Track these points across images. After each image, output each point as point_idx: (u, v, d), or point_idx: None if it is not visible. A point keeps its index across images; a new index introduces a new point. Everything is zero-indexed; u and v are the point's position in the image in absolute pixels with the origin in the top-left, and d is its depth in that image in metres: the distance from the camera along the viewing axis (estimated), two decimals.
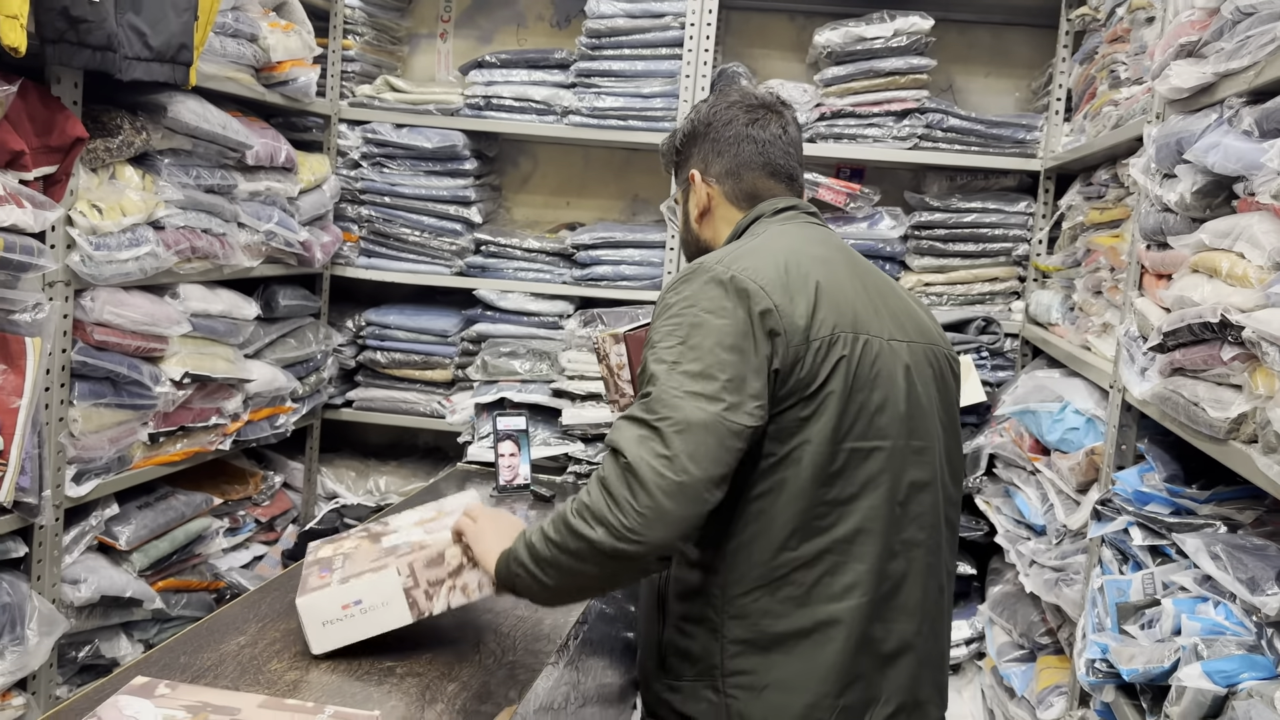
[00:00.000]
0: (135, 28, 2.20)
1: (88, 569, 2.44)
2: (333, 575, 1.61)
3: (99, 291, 2.35)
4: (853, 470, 1.34)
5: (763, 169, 1.57)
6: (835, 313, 1.36)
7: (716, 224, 1.58)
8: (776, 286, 1.33)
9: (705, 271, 1.35)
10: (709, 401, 1.25)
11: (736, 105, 1.58)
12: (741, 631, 1.34)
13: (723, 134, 1.57)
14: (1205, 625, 1.40)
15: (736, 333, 1.29)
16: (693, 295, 1.33)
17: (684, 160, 1.63)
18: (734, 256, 1.37)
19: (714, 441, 1.24)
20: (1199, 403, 1.50)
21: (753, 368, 1.28)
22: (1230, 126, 1.53)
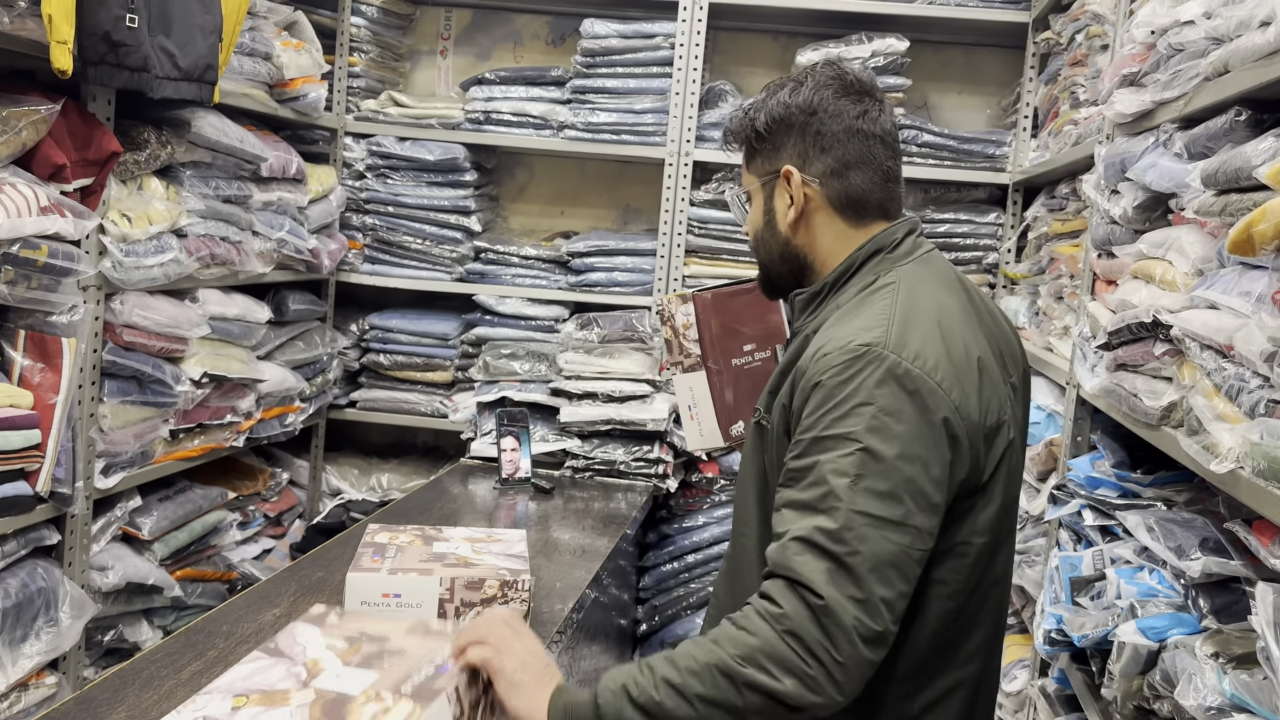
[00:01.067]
0: (166, 49, 2.36)
1: (114, 557, 2.59)
2: (384, 562, 1.75)
3: (128, 295, 2.50)
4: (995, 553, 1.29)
5: (873, 171, 1.35)
6: (994, 392, 1.23)
7: (814, 231, 1.36)
8: (951, 380, 1.19)
9: (877, 361, 1.17)
10: (898, 531, 1.12)
11: (841, 94, 1.34)
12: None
13: (829, 126, 1.33)
14: (1141, 589, 1.59)
15: (918, 440, 1.15)
16: (865, 389, 1.16)
17: (769, 149, 1.37)
18: (898, 337, 1.20)
19: (904, 578, 1.14)
20: (1137, 394, 1.69)
21: (934, 479, 1.16)
22: (1165, 149, 1.72)
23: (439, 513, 2.61)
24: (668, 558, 3.20)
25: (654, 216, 3.66)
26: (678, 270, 3.53)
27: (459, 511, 2.66)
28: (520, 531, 1.99)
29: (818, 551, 1.11)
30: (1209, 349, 1.40)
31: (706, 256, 3.56)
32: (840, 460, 1.14)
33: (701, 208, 3.53)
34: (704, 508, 3.22)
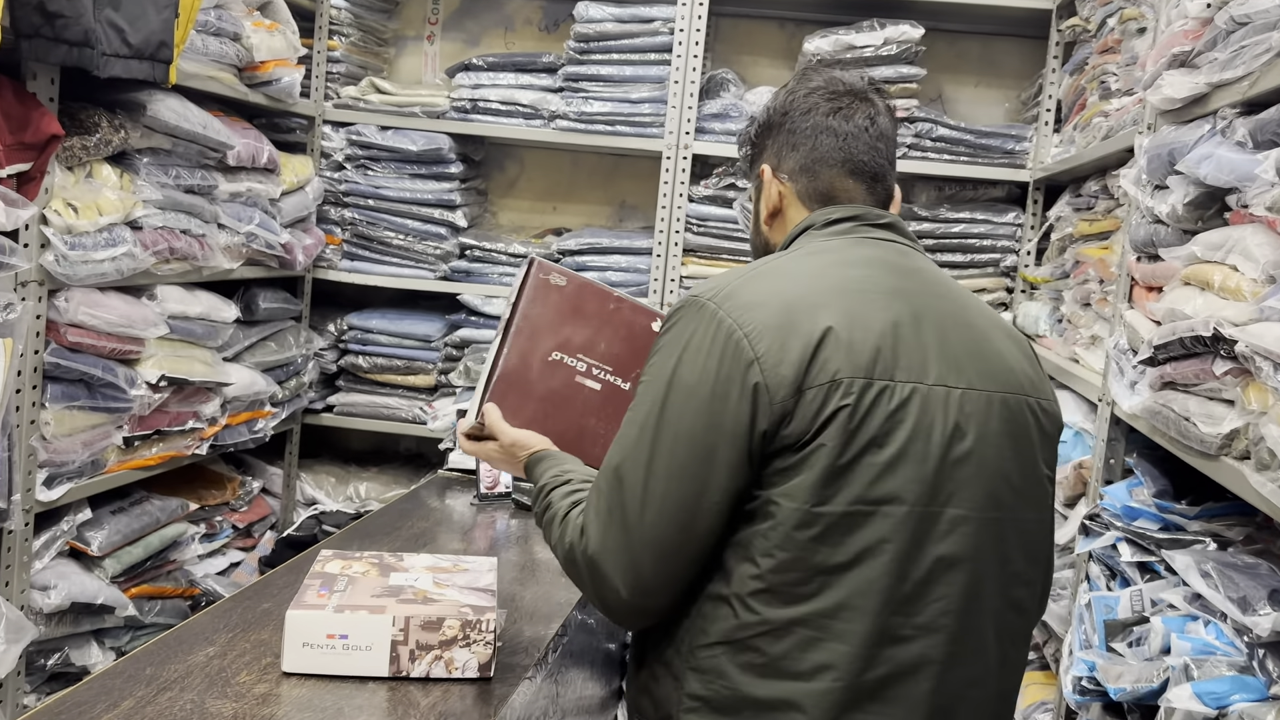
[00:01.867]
0: (114, 24, 2.16)
1: (58, 575, 2.40)
2: (331, 597, 1.56)
3: (74, 292, 2.31)
4: (843, 535, 1.15)
5: (842, 166, 1.36)
6: (845, 354, 1.17)
7: (785, 225, 1.40)
8: (768, 330, 1.18)
9: (697, 309, 1.22)
10: (677, 480, 1.17)
11: (819, 91, 1.38)
12: (699, 688, 1.20)
13: (800, 124, 1.37)
14: (1195, 645, 1.38)
15: (713, 393, 1.17)
16: (673, 335, 1.22)
17: (758, 154, 1.44)
18: (733, 289, 1.23)
19: (679, 525, 1.18)
20: (1190, 418, 1.48)
21: (727, 434, 1.16)
22: (1223, 138, 1.52)
23: (409, 532, 2.41)
24: None
25: (650, 213, 3.45)
26: (675, 270, 3.33)
27: (432, 529, 2.46)
28: (490, 560, 1.79)
29: (600, 498, 1.22)
30: None
31: (706, 256, 3.35)
32: (636, 405, 1.23)
33: (701, 204, 3.32)
34: None
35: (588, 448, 1.51)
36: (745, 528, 1.18)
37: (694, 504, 1.17)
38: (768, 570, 1.16)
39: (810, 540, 1.15)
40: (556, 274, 1.55)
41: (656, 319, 1.52)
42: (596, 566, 1.20)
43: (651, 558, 1.18)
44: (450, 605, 1.55)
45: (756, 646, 1.17)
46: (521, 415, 1.53)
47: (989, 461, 1.20)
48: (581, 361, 1.55)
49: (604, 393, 1.55)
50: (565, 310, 1.54)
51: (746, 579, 1.17)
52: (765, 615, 1.16)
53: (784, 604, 1.16)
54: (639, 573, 1.19)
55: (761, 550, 1.16)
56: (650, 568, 1.18)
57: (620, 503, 1.19)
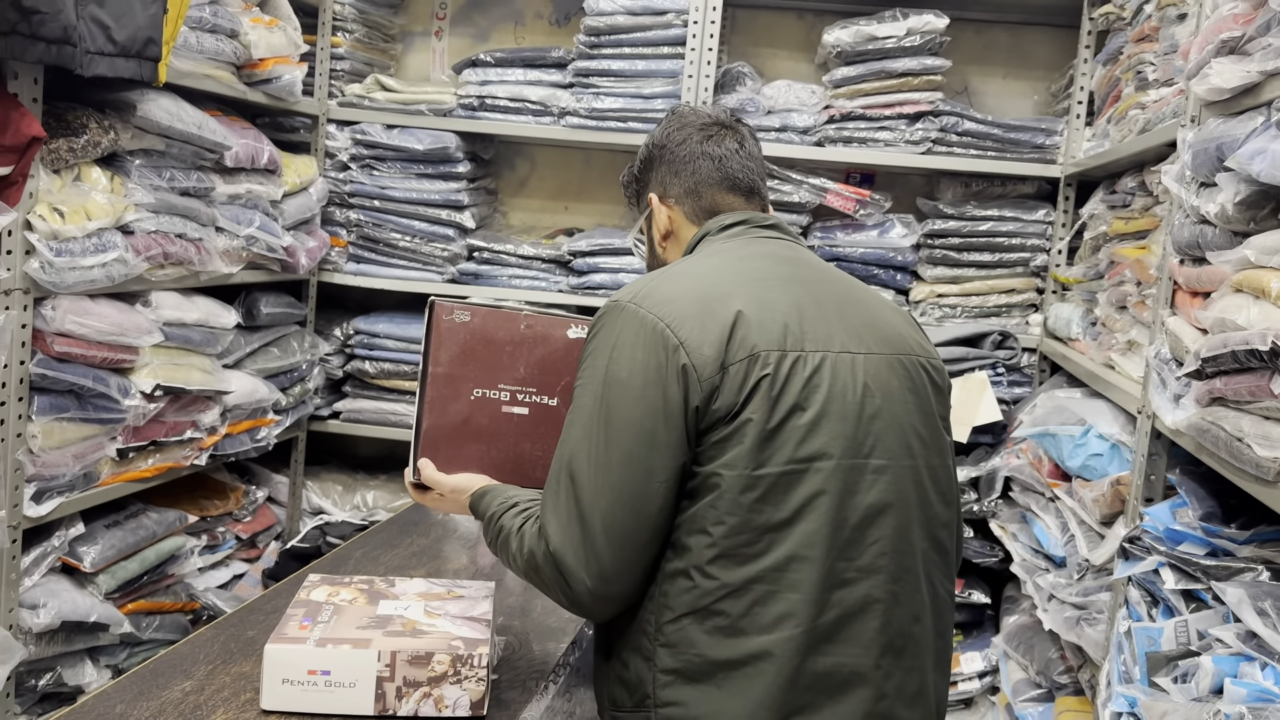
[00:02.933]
0: (98, 20, 2.07)
1: (48, 593, 2.32)
2: (314, 629, 1.47)
3: (61, 300, 2.23)
4: (783, 494, 1.26)
5: (721, 184, 1.53)
6: (758, 332, 1.29)
7: (681, 246, 1.54)
8: (687, 319, 1.30)
9: (618, 311, 1.33)
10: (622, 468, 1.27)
11: (689, 125, 1.56)
12: (672, 661, 1.28)
13: (678, 154, 1.54)
14: (1251, 691, 1.25)
15: (645, 381, 1.28)
16: (600, 338, 1.33)
17: (643, 188, 1.60)
18: (648, 290, 1.35)
19: (633, 513, 1.27)
20: (1244, 438, 1.35)
21: (664, 416, 1.27)
22: (1279, 131, 1.38)
23: (411, 548, 2.31)
24: None
25: None
26: None
27: (436, 545, 2.36)
28: (488, 585, 1.69)
29: (554, 500, 1.30)
30: None
31: None
32: (576, 407, 1.32)
33: None
34: None
35: (527, 472, 1.54)
36: (693, 503, 1.28)
37: (643, 487, 1.27)
38: (720, 537, 1.25)
39: (754, 502, 1.25)
40: (459, 310, 1.54)
41: (571, 325, 1.54)
42: (560, 561, 1.27)
43: (610, 545, 1.27)
44: (441, 638, 1.46)
45: (720, 610, 1.26)
46: (458, 461, 1.53)
47: (898, 415, 1.33)
48: (504, 391, 1.54)
49: (533, 415, 1.55)
50: (476, 344, 1.53)
51: (702, 549, 1.26)
52: (723, 579, 1.25)
53: (739, 564, 1.25)
54: (600, 561, 1.27)
55: (712, 520, 1.26)
56: (610, 554, 1.27)
57: (575, 498, 1.28)
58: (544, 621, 1.84)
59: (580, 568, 1.27)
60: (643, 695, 1.30)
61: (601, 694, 1.41)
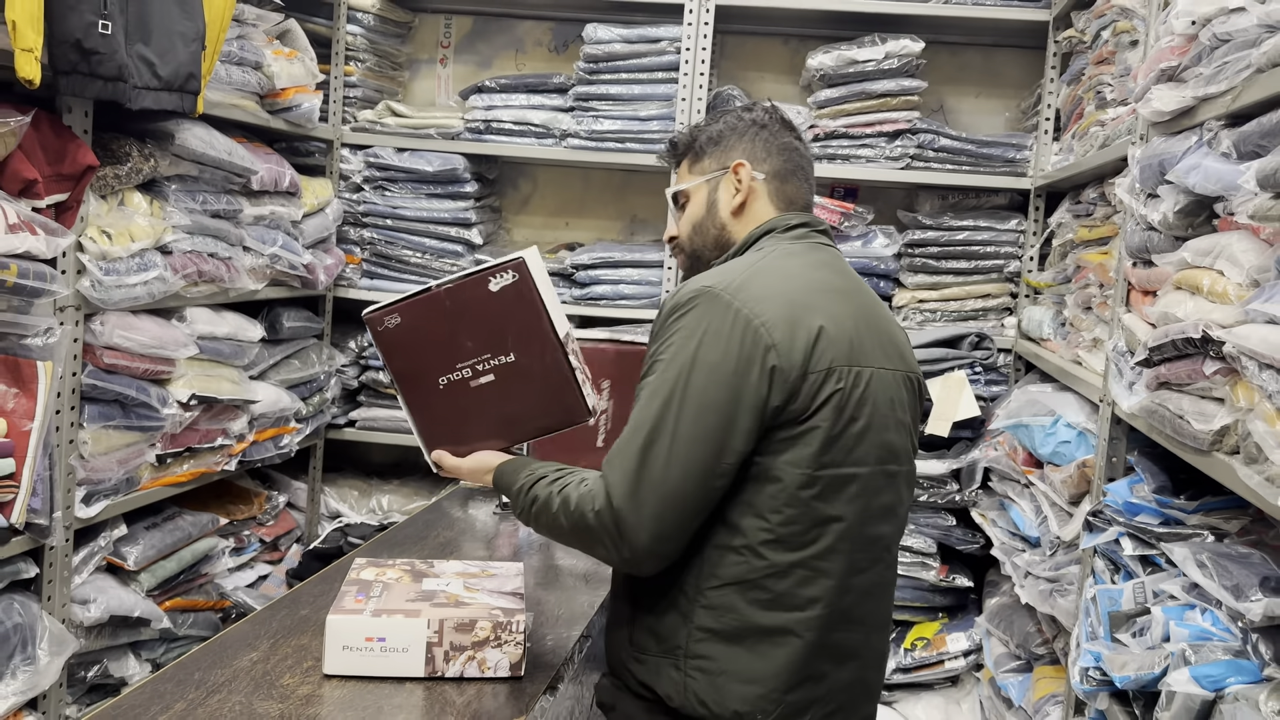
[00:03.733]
0: (144, 58, 2.25)
1: (97, 589, 2.47)
2: (368, 603, 1.63)
3: (108, 315, 2.39)
4: (834, 493, 1.41)
5: (804, 181, 1.61)
6: (834, 346, 1.41)
7: (748, 219, 1.58)
8: (779, 323, 1.38)
9: (711, 298, 1.39)
10: (698, 446, 1.36)
11: (779, 119, 1.62)
12: (709, 621, 1.43)
13: (775, 139, 1.59)
14: (1193, 632, 1.44)
15: (735, 370, 1.36)
16: (692, 320, 1.39)
17: (720, 151, 1.60)
18: (740, 283, 1.41)
19: (699, 489, 1.37)
20: (1184, 416, 1.55)
21: (746, 405, 1.37)
22: (1209, 148, 1.59)
23: (435, 541, 2.48)
24: None
25: (661, 227, 3.53)
26: None
27: (457, 539, 2.53)
28: (518, 565, 1.86)
29: (625, 463, 1.37)
30: (1270, 369, 1.27)
31: None
32: (659, 383, 1.38)
33: None
34: None
35: (526, 425, 1.60)
36: (750, 488, 1.40)
37: (713, 465, 1.37)
38: (777, 524, 1.40)
39: (811, 498, 1.40)
40: (388, 316, 1.57)
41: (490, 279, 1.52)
42: (621, 519, 1.36)
43: (675, 510, 1.37)
44: (482, 608, 1.63)
45: (764, 585, 1.41)
46: (464, 441, 1.61)
47: (905, 426, 1.51)
48: (463, 369, 1.57)
49: (499, 378, 1.57)
50: (416, 339, 1.57)
51: (756, 531, 1.40)
52: (772, 559, 1.40)
53: (788, 550, 1.40)
54: (661, 523, 1.36)
55: (770, 508, 1.39)
56: (673, 518, 1.37)
57: (646, 464, 1.36)
58: (558, 612, 1.95)
59: (640, 526, 1.35)
60: (673, 645, 1.45)
61: (621, 638, 1.54)
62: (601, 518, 1.38)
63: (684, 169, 1.65)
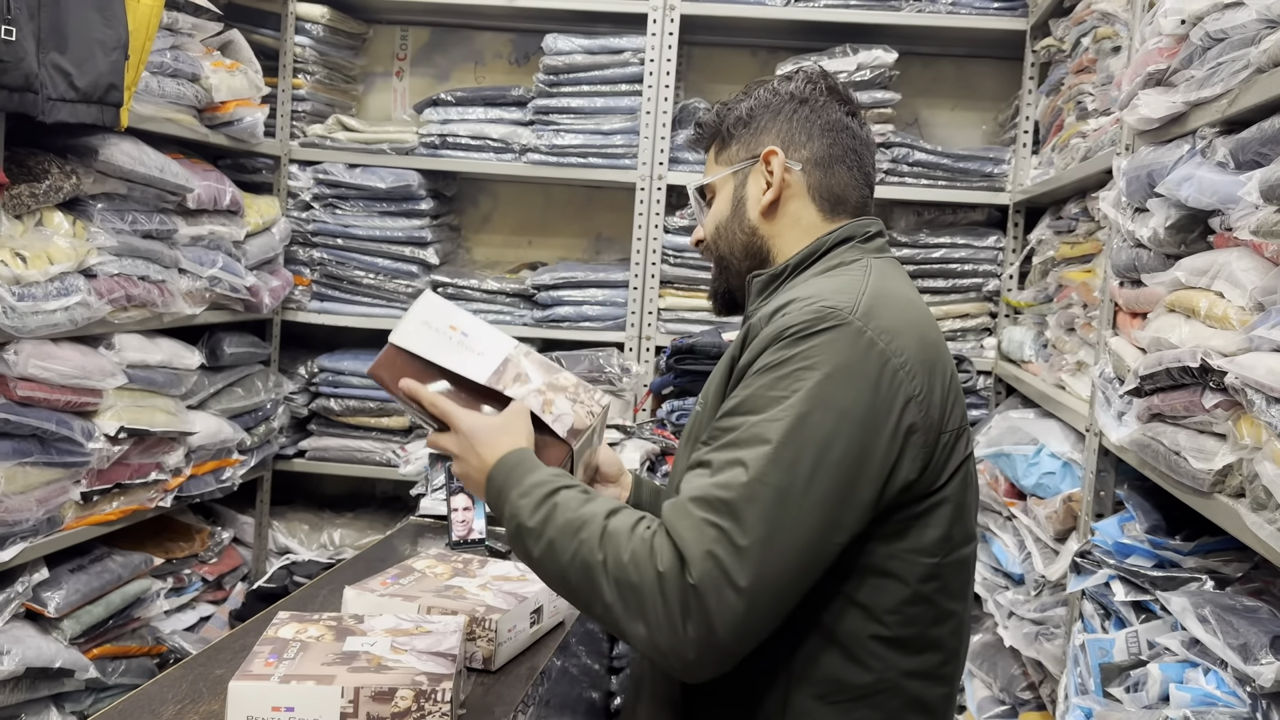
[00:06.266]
0: (59, 67, 2.10)
1: (12, 639, 2.29)
2: (279, 665, 1.48)
3: (23, 344, 2.23)
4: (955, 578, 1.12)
5: (858, 171, 1.26)
6: (957, 398, 1.12)
7: (785, 220, 1.25)
8: (916, 365, 1.08)
9: (842, 323, 1.07)
10: (807, 516, 1.01)
11: (832, 89, 1.28)
12: None
13: (819, 116, 1.25)
14: (1195, 696, 1.30)
15: (863, 421, 1.04)
16: (819, 352, 1.05)
17: (749, 135, 1.28)
18: (869, 307, 1.09)
19: (799, 572, 1.02)
20: (1180, 452, 1.41)
21: (872, 471, 1.04)
22: (1203, 158, 1.46)
23: None
24: None
25: (628, 244, 3.39)
26: (652, 303, 3.26)
27: None
28: (458, 619, 1.70)
29: (709, 524, 1.01)
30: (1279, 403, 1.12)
31: (683, 287, 3.29)
32: (766, 425, 1.03)
33: (677, 235, 3.26)
34: None
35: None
36: (854, 581, 1.09)
37: (823, 544, 1.03)
38: (894, 624, 1.10)
39: (934, 591, 1.11)
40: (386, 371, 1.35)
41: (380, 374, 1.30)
42: (699, 599, 0.99)
43: (769, 598, 1.00)
44: (405, 673, 1.47)
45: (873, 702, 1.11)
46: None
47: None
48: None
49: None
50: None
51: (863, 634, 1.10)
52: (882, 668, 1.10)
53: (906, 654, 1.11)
54: (753, 613, 1.00)
55: (885, 606, 1.09)
56: (765, 609, 1.01)
57: (744, 528, 1.00)
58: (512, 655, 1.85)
59: (724, 611, 0.99)
60: None
61: None
62: (667, 583, 1.00)
63: (710, 157, 1.33)
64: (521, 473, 1.15)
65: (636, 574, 1.01)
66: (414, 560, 1.83)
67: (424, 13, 3.56)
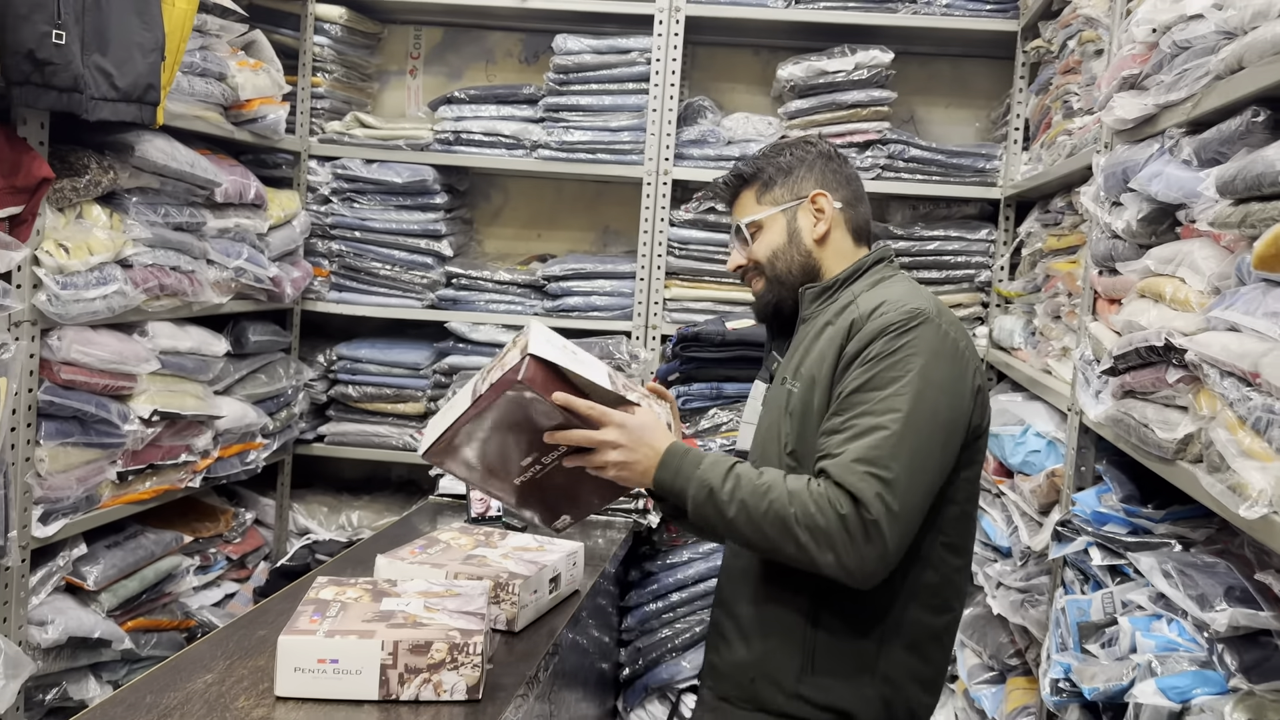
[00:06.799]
0: (101, 68, 2.21)
1: (55, 610, 2.42)
2: (323, 623, 1.60)
3: (66, 330, 2.35)
4: (975, 496, 1.60)
5: (866, 208, 1.71)
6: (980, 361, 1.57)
7: (830, 246, 1.66)
8: (969, 343, 1.52)
9: (927, 321, 1.48)
10: (930, 460, 1.43)
11: (836, 152, 1.71)
12: (896, 633, 1.53)
13: (842, 170, 1.68)
14: (1159, 642, 1.43)
15: (952, 389, 1.47)
16: (919, 343, 1.45)
17: (792, 181, 1.67)
18: (936, 306, 1.52)
19: (926, 500, 1.45)
20: (1148, 424, 1.54)
21: (960, 425, 1.48)
22: (1171, 156, 1.58)
23: None
24: (651, 596, 3.04)
25: (633, 237, 3.52)
26: (658, 294, 3.39)
27: None
28: (483, 584, 1.83)
29: (872, 475, 1.39)
30: (1230, 376, 1.26)
31: (688, 279, 3.41)
32: (893, 398, 1.42)
33: (682, 228, 3.38)
34: (688, 543, 3.06)
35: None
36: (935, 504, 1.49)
37: (936, 481, 1.46)
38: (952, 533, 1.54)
39: (967, 502, 1.56)
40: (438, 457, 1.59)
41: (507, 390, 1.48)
42: (873, 527, 1.38)
43: (913, 524, 1.43)
44: (439, 629, 1.59)
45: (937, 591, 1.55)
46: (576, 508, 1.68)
47: None
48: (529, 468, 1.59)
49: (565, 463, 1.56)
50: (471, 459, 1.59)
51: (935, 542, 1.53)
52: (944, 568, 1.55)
53: (957, 555, 1.57)
54: (904, 536, 1.42)
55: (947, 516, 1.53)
56: (909, 531, 1.43)
57: (896, 474, 1.39)
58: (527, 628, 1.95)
59: (891, 535, 1.39)
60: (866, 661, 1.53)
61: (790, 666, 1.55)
62: (848, 522, 1.38)
63: (748, 199, 1.70)
64: (695, 455, 1.50)
65: (823, 519, 1.39)
66: (439, 533, 1.95)
67: (437, 13, 3.68)
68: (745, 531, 1.44)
